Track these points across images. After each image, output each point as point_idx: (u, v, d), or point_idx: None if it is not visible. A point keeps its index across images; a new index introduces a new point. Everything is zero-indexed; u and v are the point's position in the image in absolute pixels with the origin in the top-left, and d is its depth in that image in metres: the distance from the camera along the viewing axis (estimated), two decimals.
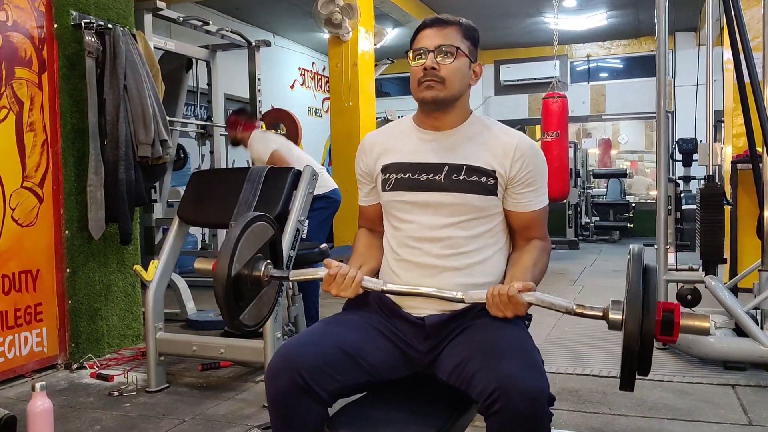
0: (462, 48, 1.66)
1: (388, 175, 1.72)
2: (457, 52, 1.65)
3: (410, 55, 1.68)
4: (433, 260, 1.65)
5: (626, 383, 1.30)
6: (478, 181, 1.64)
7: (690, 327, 1.30)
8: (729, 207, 4.30)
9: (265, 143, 4.41)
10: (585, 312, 1.40)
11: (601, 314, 1.38)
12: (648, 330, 1.26)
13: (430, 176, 1.67)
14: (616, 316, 1.34)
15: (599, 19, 9.75)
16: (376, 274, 1.77)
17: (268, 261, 1.61)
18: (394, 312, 1.66)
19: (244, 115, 4.58)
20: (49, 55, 3.48)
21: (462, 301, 1.52)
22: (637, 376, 1.29)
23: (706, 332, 1.30)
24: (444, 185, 1.65)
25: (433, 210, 1.66)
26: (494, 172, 1.65)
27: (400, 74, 11.18)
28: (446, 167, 1.66)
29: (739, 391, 3.00)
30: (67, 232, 3.51)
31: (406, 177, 1.69)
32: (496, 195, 1.66)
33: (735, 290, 3.72)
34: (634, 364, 1.27)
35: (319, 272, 1.61)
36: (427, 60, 1.64)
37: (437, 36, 1.66)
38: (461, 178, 1.65)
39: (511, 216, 1.71)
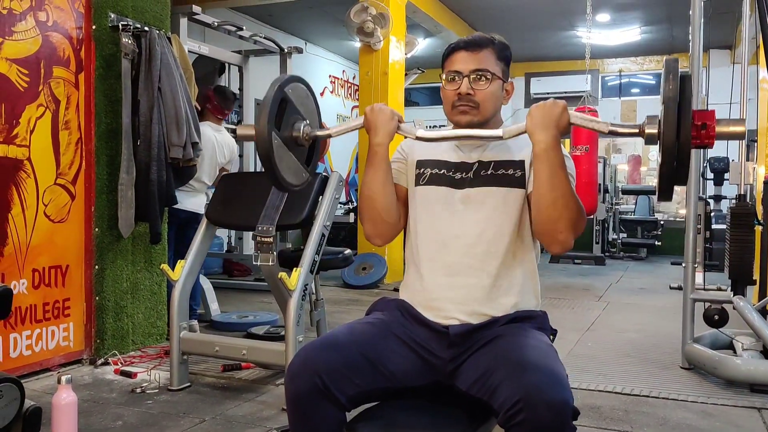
0: (496, 72, 1.68)
1: (422, 170, 1.74)
2: (492, 77, 1.66)
3: (443, 76, 1.70)
4: (460, 257, 1.65)
5: (664, 193, 1.31)
6: (505, 174, 1.67)
7: (726, 132, 1.29)
8: (760, 227, 4.22)
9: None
10: (621, 130, 1.40)
11: (637, 131, 1.37)
12: (685, 138, 1.25)
13: (462, 174, 1.69)
14: (652, 130, 1.33)
15: (633, 34, 9.66)
16: (388, 208, 1.70)
17: (307, 121, 1.63)
18: (416, 319, 1.67)
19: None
20: (87, 55, 3.56)
21: (501, 137, 1.53)
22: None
23: (741, 136, 1.28)
24: (473, 181, 1.68)
25: (463, 206, 1.67)
26: (522, 162, 1.67)
27: (429, 84, 11.18)
28: (476, 164, 1.70)
29: (765, 415, 2.94)
30: (97, 229, 3.57)
31: (441, 173, 1.71)
32: (524, 188, 1.66)
33: (764, 312, 3.65)
34: (672, 174, 1.26)
35: (358, 120, 1.66)
36: (462, 86, 1.65)
37: (472, 60, 1.67)
38: (489, 172, 1.67)
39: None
